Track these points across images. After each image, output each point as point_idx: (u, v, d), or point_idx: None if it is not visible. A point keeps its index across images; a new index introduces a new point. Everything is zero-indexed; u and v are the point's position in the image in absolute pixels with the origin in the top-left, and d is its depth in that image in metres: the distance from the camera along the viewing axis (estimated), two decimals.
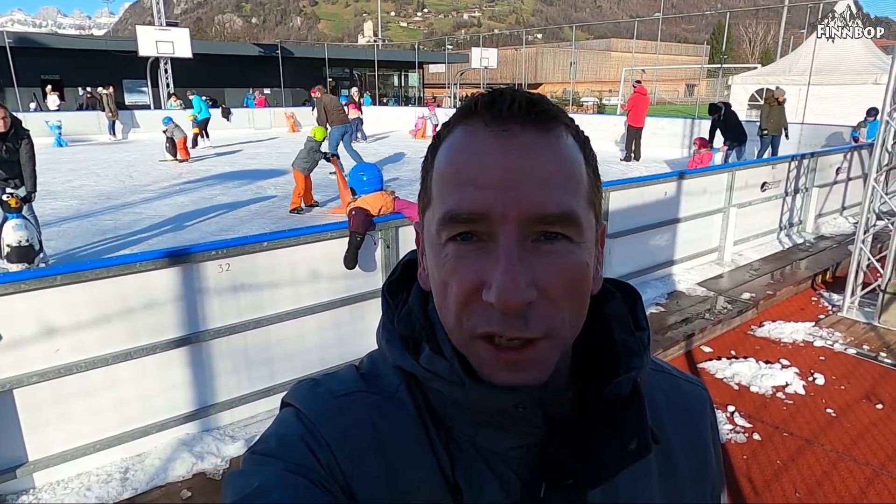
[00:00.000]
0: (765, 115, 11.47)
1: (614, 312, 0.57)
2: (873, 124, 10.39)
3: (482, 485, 0.51)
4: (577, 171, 0.49)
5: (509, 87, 0.51)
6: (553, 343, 0.48)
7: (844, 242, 6.76)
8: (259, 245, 3.10)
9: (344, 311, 3.47)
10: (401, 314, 0.57)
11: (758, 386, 3.74)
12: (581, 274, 0.48)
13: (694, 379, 0.68)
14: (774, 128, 11.26)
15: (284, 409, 0.56)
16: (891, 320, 4.63)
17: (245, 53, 29.33)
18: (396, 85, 36.42)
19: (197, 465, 2.82)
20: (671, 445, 0.59)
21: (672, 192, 5.49)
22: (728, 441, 3.19)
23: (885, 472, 2.92)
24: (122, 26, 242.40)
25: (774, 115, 11.26)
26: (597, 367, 0.55)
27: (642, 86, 13.94)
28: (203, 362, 3.04)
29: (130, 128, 19.19)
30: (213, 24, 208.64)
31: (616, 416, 0.51)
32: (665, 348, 4.17)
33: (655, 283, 5.36)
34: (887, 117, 4.61)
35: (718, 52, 41.52)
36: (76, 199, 9.12)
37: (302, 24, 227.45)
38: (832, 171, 7.63)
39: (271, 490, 0.47)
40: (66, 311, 2.60)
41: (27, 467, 2.62)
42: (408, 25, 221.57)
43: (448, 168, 0.49)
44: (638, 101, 13.52)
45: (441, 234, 0.48)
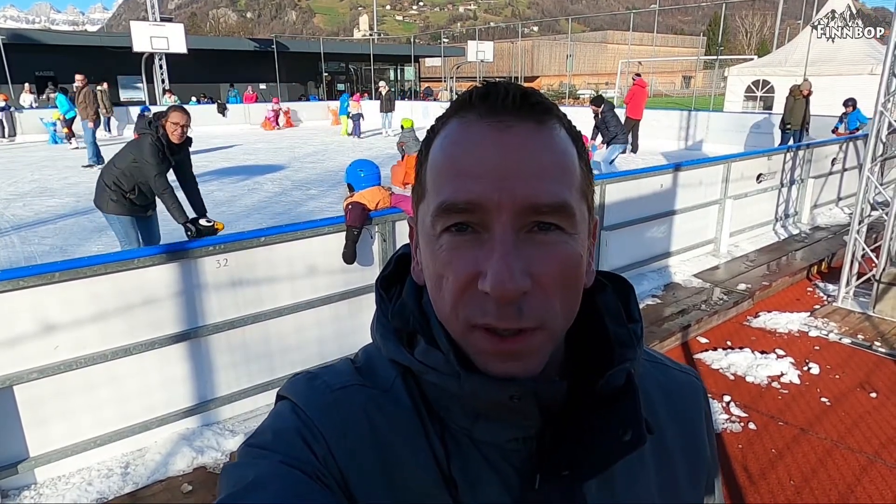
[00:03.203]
0: (788, 108, 11.29)
1: (607, 304, 0.57)
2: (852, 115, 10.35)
3: (478, 477, 0.51)
4: (570, 164, 0.49)
5: (503, 81, 0.51)
6: (546, 333, 0.48)
7: (840, 233, 6.79)
8: (257, 240, 3.11)
9: (342, 305, 3.48)
10: (395, 308, 0.57)
11: (753, 376, 3.77)
12: (575, 264, 0.48)
13: (687, 369, 0.68)
14: (797, 122, 11.08)
15: (280, 402, 0.56)
16: (885, 310, 4.65)
17: (240, 48, 29.21)
18: (392, 79, 36.29)
19: (197, 460, 2.84)
20: (666, 435, 0.59)
21: (668, 184, 5.50)
22: (724, 430, 3.22)
23: (879, 460, 2.95)
24: (116, 22, 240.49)
25: (798, 108, 11.06)
26: (590, 359, 0.55)
27: (641, 78, 14.00)
28: (202, 357, 3.05)
29: (125, 124, 19.10)
30: (207, 19, 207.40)
31: (610, 408, 0.51)
32: (661, 339, 4.20)
33: (652, 274, 5.38)
34: (881, 108, 4.62)
35: (715, 43, 41.46)
36: (73, 197, 9.10)
37: (297, 18, 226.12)
38: (827, 161, 7.65)
39: (267, 483, 0.47)
40: (64, 308, 2.61)
41: (28, 463, 2.63)
42: (403, 19, 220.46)
43: (443, 160, 0.49)
44: (637, 94, 13.58)
45: (436, 225, 0.48)
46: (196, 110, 19.84)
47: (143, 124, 4.28)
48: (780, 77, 17.98)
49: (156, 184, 4.18)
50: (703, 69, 48.09)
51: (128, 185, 4.26)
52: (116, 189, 4.26)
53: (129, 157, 4.25)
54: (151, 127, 4.19)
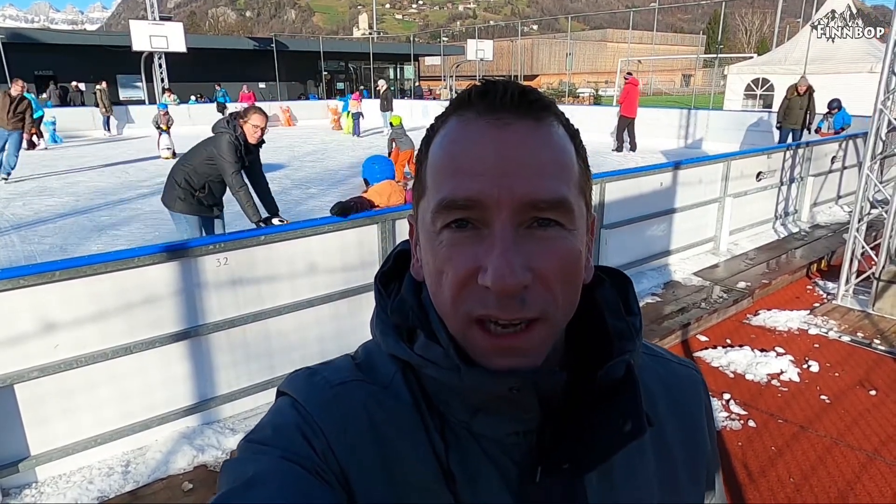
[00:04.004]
0: (783, 107, 11.04)
1: (605, 298, 0.57)
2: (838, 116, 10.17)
3: (478, 471, 0.51)
4: (568, 160, 0.50)
5: (502, 79, 0.51)
6: (547, 326, 0.48)
7: (839, 231, 6.79)
8: (257, 239, 3.11)
9: (342, 303, 3.49)
10: (394, 304, 0.57)
11: (753, 374, 3.77)
12: (574, 259, 0.49)
13: (687, 362, 0.68)
14: (792, 121, 10.77)
15: (280, 398, 0.56)
16: (885, 308, 4.66)
17: (240, 47, 29.19)
18: (392, 78, 36.29)
19: (198, 458, 2.84)
20: (665, 428, 0.60)
21: (668, 183, 5.50)
22: (724, 428, 3.23)
23: (878, 458, 2.96)
24: (115, 21, 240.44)
25: (794, 106, 10.76)
26: (590, 353, 0.55)
27: (634, 77, 14.07)
28: (203, 356, 3.05)
29: (125, 123, 19.11)
30: (206, 17, 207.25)
31: (610, 400, 0.51)
32: (661, 337, 4.20)
33: (652, 273, 5.38)
34: (881, 106, 4.62)
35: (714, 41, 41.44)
36: (72, 196, 9.10)
37: (296, 17, 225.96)
38: (827, 160, 7.65)
39: (267, 478, 0.47)
40: (65, 307, 2.61)
41: (29, 461, 2.63)
42: (403, 18, 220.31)
43: (443, 157, 0.50)
44: (630, 92, 13.66)
45: (436, 222, 0.49)
46: (196, 110, 19.88)
47: (221, 123, 4.29)
48: (779, 75, 17.96)
49: (232, 181, 4.19)
50: (703, 67, 48.02)
51: (198, 182, 4.26)
52: (186, 187, 4.26)
53: (204, 153, 4.24)
54: (229, 126, 4.21)
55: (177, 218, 4.38)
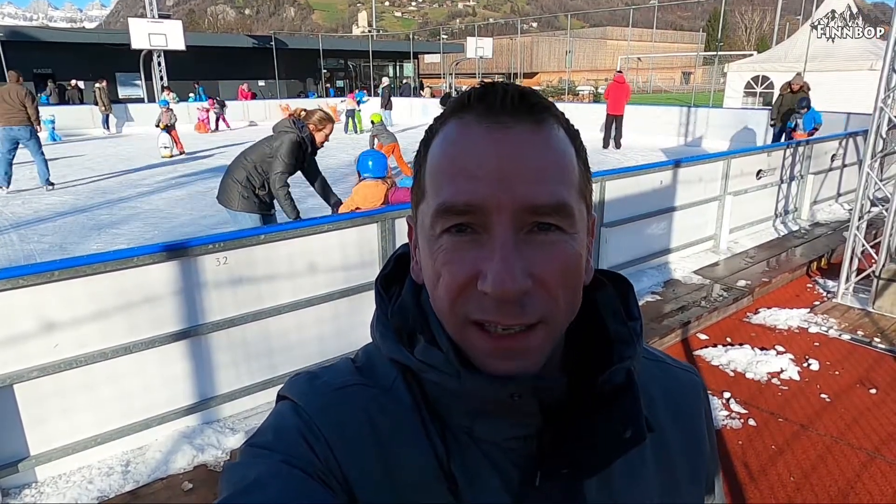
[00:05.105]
0: (777, 105, 10.89)
1: (606, 303, 0.57)
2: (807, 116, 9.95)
3: (478, 475, 0.51)
4: (568, 163, 0.49)
5: (501, 81, 0.51)
6: (548, 330, 0.48)
7: (839, 229, 6.78)
8: (256, 238, 3.11)
9: (342, 302, 3.48)
10: (394, 307, 0.57)
11: (753, 372, 3.77)
12: (575, 263, 0.49)
13: (688, 366, 0.69)
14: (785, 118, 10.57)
15: (281, 401, 0.56)
16: (885, 306, 4.66)
17: (239, 45, 29.15)
18: (392, 75, 36.26)
19: (198, 458, 2.84)
20: (666, 433, 0.60)
21: (668, 181, 5.49)
22: (724, 427, 3.23)
23: (879, 456, 2.96)
24: (114, 19, 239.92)
25: (787, 104, 10.54)
26: (590, 357, 0.55)
27: (621, 75, 14.18)
28: (203, 355, 3.05)
29: (124, 122, 19.08)
30: (205, 15, 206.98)
31: (611, 405, 0.51)
32: (661, 336, 4.20)
33: (651, 271, 5.38)
34: (882, 104, 4.62)
35: (714, 39, 41.41)
36: (72, 195, 9.10)
37: (295, 14, 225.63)
38: (827, 158, 7.64)
39: (268, 482, 0.47)
40: (64, 306, 2.60)
41: (29, 461, 2.63)
42: (402, 15, 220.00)
43: (442, 161, 0.49)
44: (616, 90, 13.74)
45: (435, 226, 0.49)
46: (195, 109, 19.81)
47: (285, 122, 4.29)
48: (779, 73, 17.91)
49: (276, 179, 4.18)
50: (703, 65, 48.01)
51: (259, 180, 4.24)
52: (248, 185, 4.22)
53: (266, 150, 4.22)
54: (296, 126, 4.20)
55: (240, 217, 4.27)
